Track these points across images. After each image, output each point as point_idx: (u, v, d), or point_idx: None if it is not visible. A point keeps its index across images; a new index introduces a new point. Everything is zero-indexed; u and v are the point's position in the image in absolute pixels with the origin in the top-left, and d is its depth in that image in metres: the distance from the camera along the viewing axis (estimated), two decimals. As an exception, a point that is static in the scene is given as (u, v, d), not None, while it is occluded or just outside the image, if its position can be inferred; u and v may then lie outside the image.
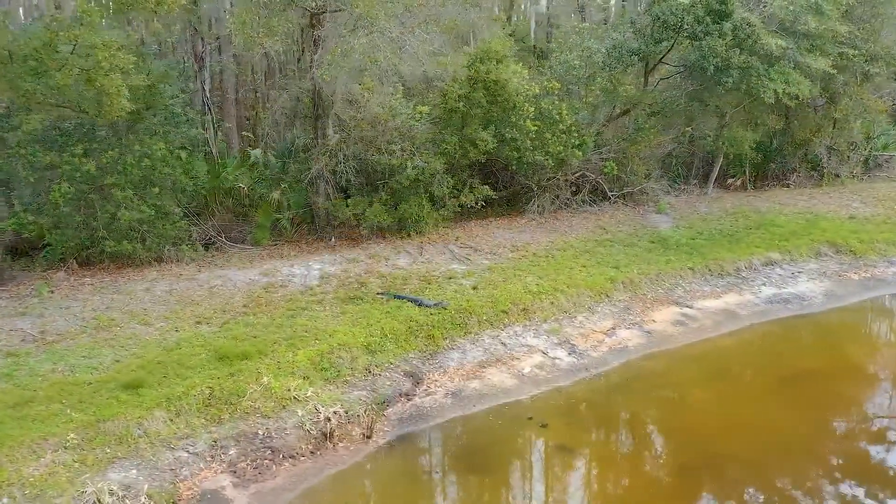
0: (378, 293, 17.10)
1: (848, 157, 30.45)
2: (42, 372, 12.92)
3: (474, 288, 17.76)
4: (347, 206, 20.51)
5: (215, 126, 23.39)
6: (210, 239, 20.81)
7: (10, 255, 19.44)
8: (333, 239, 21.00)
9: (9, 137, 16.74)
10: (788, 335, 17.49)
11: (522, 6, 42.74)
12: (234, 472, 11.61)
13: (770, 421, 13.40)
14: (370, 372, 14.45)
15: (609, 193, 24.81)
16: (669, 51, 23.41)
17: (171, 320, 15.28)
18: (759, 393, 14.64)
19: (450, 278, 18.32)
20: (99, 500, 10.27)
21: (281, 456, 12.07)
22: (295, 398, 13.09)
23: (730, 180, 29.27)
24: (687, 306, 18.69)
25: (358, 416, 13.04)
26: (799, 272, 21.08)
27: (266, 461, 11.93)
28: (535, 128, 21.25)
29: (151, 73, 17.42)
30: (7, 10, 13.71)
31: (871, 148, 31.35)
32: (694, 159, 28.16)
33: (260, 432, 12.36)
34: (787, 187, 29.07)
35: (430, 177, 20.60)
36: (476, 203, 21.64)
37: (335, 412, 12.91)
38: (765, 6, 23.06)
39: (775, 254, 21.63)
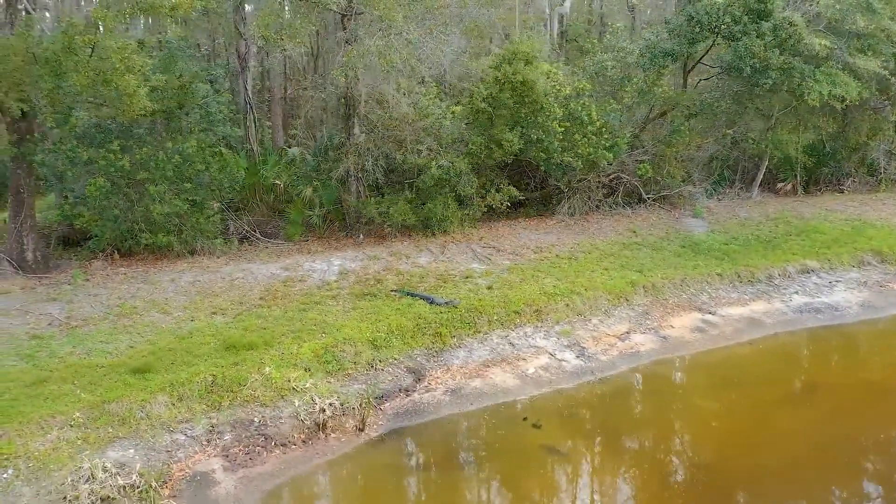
0: (392, 290, 17.42)
1: (909, 161, 29.06)
2: (61, 354, 13.79)
3: (489, 288, 17.87)
4: (374, 204, 20.92)
5: (256, 124, 24.21)
6: (246, 233, 21.62)
7: (61, 245, 20.74)
8: (362, 236, 21.46)
9: (53, 133, 17.89)
10: (810, 346, 16.93)
11: (584, 6, 42.42)
12: (227, 457, 12.09)
13: (770, 432, 13.02)
14: (373, 367, 14.77)
15: (645, 196, 24.43)
16: (708, 51, 22.90)
17: (189, 310, 16.00)
18: (765, 403, 14.15)
19: (467, 277, 18.48)
20: (93, 476, 10.89)
21: (273, 443, 12.50)
22: (294, 389, 13.52)
23: (780, 185, 28.38)
24: (709, 313, 18.27)
25: (353, 408, 13.37)
26: (837, 281, 20.28)
27: (258, 447, 12.38)
28: (563, 129, 21.16)
29: (184, 74, 18.25)
30: (37, 17, 14.60)
31: (936, 153, 29.77)
32: (739, 163, 27.40)
33: (256, 420, 12.83)
34: (841, 193, 27.98)
35: (456, 176, 20.79)
36: (501, 204, 21.71)
37: (330, 404, 13.26)
38: (811, 4, 22.30)
39: (813, 261, 20.89)
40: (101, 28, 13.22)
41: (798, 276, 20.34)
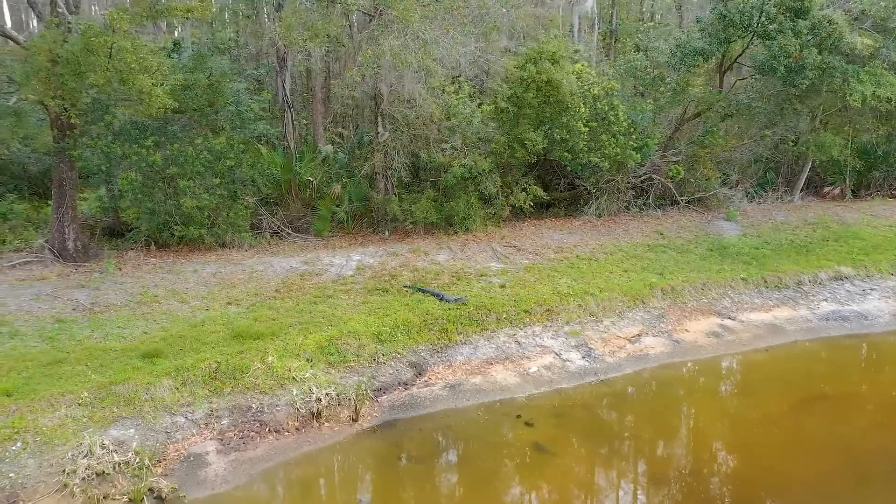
0: (404, 286, 17.70)
1: (970, 166, 27.58)
2: (80, 338, 14.60)
3: (502, 286, 17.95)
4: (397, 202, 21.26)
5: (294, 122, 24.88)
6: (277, 228, 22.28)
7: (106, 236, 21.83)
8: (387, 233, 21.84)
9: (92, 130, 18.88)
10: (830, 354, 16.35)
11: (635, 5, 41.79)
12: (221, 440, 12.60)
13: (770, 442, 12.70)
14: (375, 360, 15.07)
15: (678, 198, 24.00)
16: (745, 50, 22.32)
17: (206, 300, 16.66)
18: (769, 412, 13.78)
19: (481, 276, 18.61)
20: (91, 451, 11.55)
21: (267, 429, 12.95)
22: (293, 378, 13.94)
23: (827, 188, 27.42)
24: (729, 318, 17.90)
25: (349, 399, 13.71)
26: (871, 289, 19.54)
27: (252, 433, 12.85)
28: (587, 129, 21.01)
29: (213, 73, 18.99)
30: (73, 18, 15.44)
31: None
32: (782, 165, 26.58)
33: (254, 406, 13.31)
34: (893, 198, 26.84)
35: (479, 175, 20.90)
36: (525, 203, 21.71)
37: (326, 394, 13.64)
38: (855, 3, 21.51)
39: (847, 268, 20.17)
40: (115, 28, 13.92)
41: (830, 282, 19.69)
